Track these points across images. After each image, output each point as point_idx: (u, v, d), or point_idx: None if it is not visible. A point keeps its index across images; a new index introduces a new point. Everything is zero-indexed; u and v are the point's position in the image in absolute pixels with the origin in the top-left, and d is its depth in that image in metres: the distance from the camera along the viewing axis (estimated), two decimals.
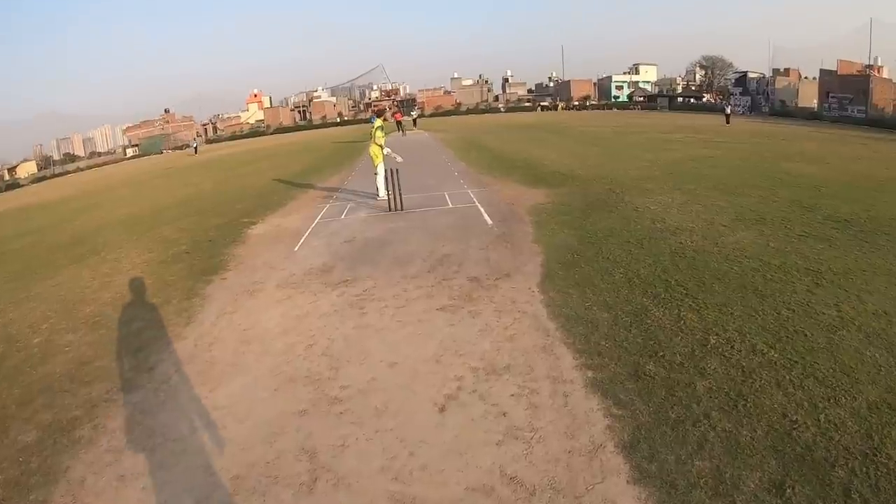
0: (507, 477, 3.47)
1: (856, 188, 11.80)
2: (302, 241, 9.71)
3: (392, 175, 11.37)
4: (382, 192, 12.43)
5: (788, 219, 9.05)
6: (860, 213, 9.35)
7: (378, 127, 12.94)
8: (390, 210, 11.39)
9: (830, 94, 46.60)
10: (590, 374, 4.52)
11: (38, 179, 54.25)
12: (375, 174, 12.80)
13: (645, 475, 3.35)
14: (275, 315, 6.49)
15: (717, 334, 4.99)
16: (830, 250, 7.27)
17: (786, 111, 52.44)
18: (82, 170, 60.79)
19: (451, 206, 11.66)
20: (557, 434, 3.84)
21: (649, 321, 5.35)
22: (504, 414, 4.13)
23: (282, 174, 21.11)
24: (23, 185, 49.59)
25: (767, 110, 55.99)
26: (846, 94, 44.58)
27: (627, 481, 3.31)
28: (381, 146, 12.49)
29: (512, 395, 4.35)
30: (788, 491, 3.09)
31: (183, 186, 21.73)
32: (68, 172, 58.81)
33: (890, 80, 44.23)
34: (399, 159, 12.91)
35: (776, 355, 4.54)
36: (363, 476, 3.58)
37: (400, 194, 11.43)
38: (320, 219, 11.42)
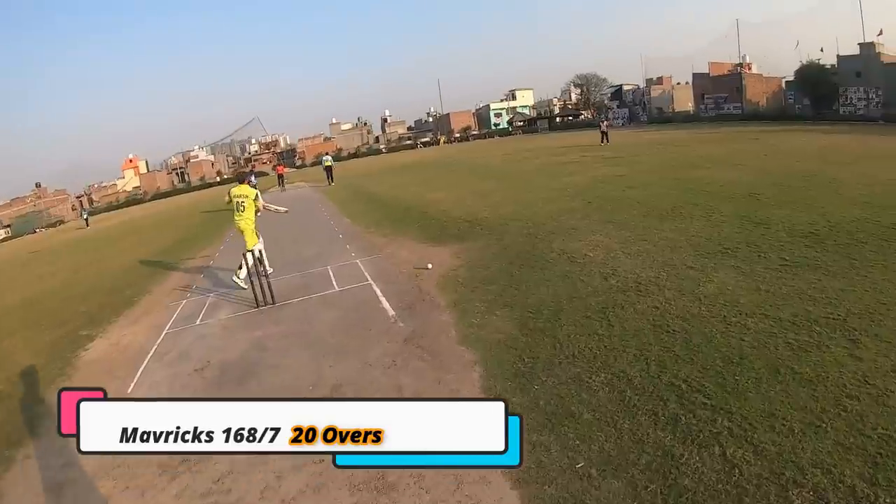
0: None
1: (788, 189, 10.93)
2: (140, 373, 6.65)
3: (257, 261, 8.41)
4: (243, 280, 9.56)
5: (754, 243, 7.56)
6: (819, 222, 8.21)
7: (256, 195, 9.92)
8: (258, 306, 8.39)
9: (706, 96, 48.49)
10: None
11: None
12: (249, 252, 9.37)
13: None
14: None
15: (798, 484, 2.99)
16: (829, 280, 5.87)
17: (664, 117, 54.28)
18: None
19: (337, 288, 8.77)
20: None
21: (685, 482, 3.17)
22: None
23: (146, 252, 17.41)
24: None
25: (645, 119, 57.75)
26: (721, 94, 46.42)
27: None
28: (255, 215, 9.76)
29: None
30: None
31: (37, 278, 17.48)
32: None
33: (760, 75, 46.45)
34: (283, 210, 10.44)
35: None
36: None
37: (269, 284, 8.46)
38: (170, 327, 8.27)
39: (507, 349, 5.30)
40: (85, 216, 48.98)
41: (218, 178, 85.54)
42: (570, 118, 79.29)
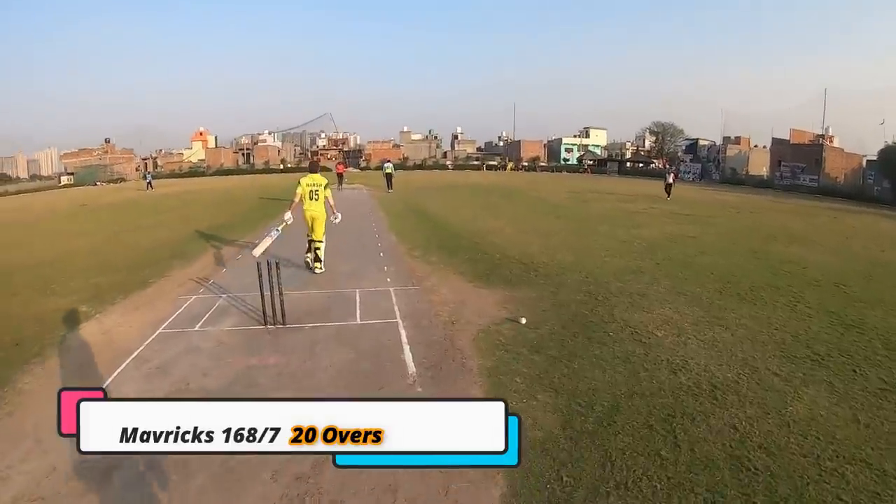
0: None
1: (878, 284, 9.85)
2: (110, 379, 5.84)
3: (269, 270, 7.30)
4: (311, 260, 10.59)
5: (847, 351, 6.47)
6: None
7: (327, 184, 10.60)
8: (265, 324, 7.44)
9: (782, 163, 46.61)
10: None
11: None
12: (319, 242, 10.46)
13: None
14: None
15: None
16: None
17: (736, 179, 52.54)
18: (8, 194, 54.92)
19: (359, 321, 7.62)
20: None
21: None
22: None
23: (188, 229, 17.42)
24: None
25: (717, 178, 56.04)
26: (798, 163, 44.54)
27: None
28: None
29: None
30: None
31: (74, 235, 17.61)
32: None
33: (841, 150, 44.53)
34: (337, 218, 10.62)
35: None
36: None
37: (283, 301, 7.43)
38: (167, 326, 7.48)
39: (544, 457, 4.22)
40: (149, 179, 50.27)
41: (281, 166, 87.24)
42: (641, 165, 78.07)
